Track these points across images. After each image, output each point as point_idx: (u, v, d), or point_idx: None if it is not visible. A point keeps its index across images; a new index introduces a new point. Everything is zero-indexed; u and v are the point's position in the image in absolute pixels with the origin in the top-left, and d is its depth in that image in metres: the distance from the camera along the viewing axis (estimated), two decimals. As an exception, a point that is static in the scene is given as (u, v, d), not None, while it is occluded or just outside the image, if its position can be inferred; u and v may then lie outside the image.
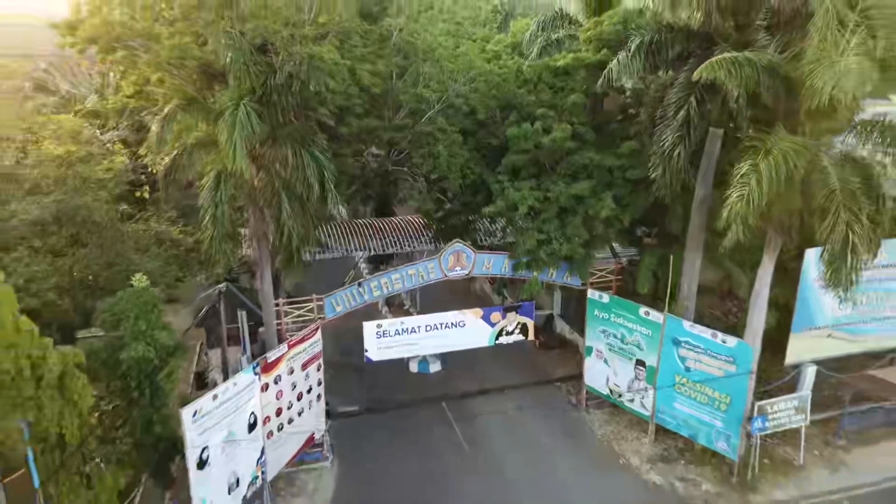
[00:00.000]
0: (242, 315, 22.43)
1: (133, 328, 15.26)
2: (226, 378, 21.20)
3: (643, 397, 21.67)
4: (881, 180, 16.52)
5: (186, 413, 15.55)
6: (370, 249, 26.07)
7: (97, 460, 14.41)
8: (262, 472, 18.60)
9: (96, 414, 15.03)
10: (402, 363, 26.27)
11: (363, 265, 30.51)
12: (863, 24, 15.07)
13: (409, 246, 25.99)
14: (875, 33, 15.61)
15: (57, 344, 13.69)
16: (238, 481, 17.67)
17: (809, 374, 21.41)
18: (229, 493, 17.36)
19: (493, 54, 27.01)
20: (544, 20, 25.32)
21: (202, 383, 24.40)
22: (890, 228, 22.64)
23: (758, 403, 19.51)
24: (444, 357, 26.14)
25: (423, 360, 26.32)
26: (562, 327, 28.94)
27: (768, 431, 19.89)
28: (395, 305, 30.13)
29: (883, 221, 16.91)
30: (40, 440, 13.52)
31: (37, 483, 13.98)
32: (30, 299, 13.54)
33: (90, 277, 17.26)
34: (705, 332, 19.73)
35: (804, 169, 15.77)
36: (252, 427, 17.86)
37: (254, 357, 20.20)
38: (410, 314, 27.23)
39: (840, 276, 15.85)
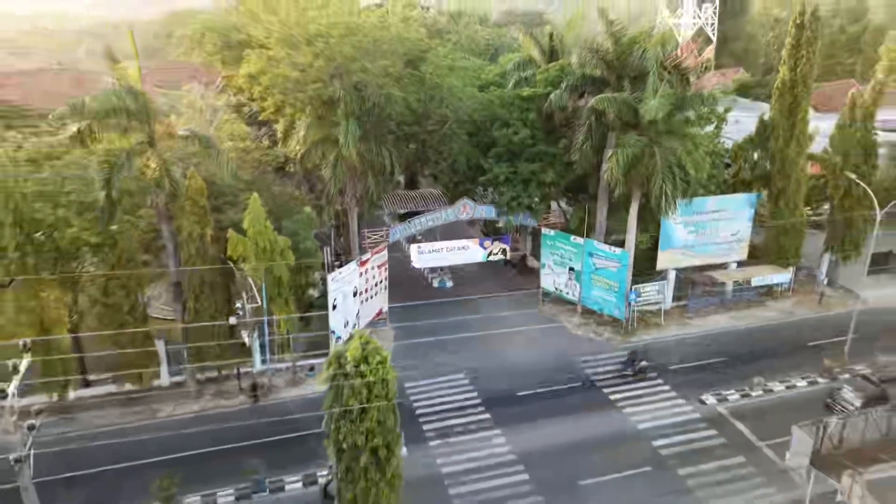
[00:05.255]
0: (327, 249, 37.60)
1: (305, 231, 30.41)
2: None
3: (574, 290, 36.81)
4: (687, 161, 31.44)
5: (330, 277, 30.81)
6: (406, 209, 41.12)
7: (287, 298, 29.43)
8: (357, 321, 33.71)
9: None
10: (427, 282, 41.49)
11: (387, 220, 45.61)
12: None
13: (431, 208, 40.90)
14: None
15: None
16: (348, 322, 32.86)
17: (671, 275, 36.74)
18: (344, 328, 32.54)
19: (485, 82, 42.18)
20: (518, 62, 40.45)
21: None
22: (717, 189, 37.97)
23: (634, 286, 34.67)
24: (455, 277, 41.28)
25: (442, 280, 41.44)
26: (532, 262, 44.06)
27: (641, 303, 35.07)
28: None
29: (693, 182, 32.14)
30: (269, 281, 28.57)
31: (265, 302, 29.14)
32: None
33: (270, 211, 32.34)
34: (605, 247, 34.92)
35: (643, 154, 30.96)
36: (354, 294, 32.98)
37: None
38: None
39: (661, 207, 31.13)
